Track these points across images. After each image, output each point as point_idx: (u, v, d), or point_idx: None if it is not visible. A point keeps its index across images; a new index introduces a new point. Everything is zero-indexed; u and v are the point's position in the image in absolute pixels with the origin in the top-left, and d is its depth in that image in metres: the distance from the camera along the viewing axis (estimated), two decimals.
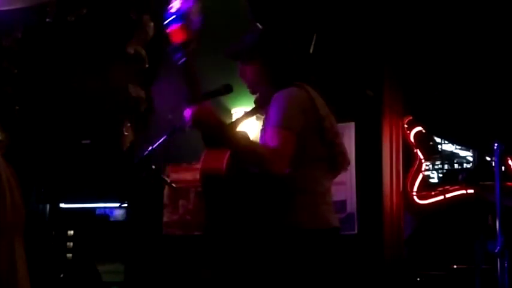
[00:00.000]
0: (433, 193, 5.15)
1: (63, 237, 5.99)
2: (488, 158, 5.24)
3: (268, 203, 2.52)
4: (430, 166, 5.56)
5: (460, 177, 5.10)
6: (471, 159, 5.68)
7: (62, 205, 6.08)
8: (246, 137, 2.53)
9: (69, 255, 5.98)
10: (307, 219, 2.52)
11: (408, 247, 5.12)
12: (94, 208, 6.13)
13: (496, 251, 3.45)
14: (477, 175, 4.95)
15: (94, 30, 5.89)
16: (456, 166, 5.70)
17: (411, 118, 5.28)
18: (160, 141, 2.83)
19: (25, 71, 6.05)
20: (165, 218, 5.52)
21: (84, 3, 5.92)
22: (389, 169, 5.03)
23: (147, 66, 5.76)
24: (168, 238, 5.49)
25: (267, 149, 2.45)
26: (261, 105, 2.75)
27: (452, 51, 5.16)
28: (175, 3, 2.45)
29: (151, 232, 5.53)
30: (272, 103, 2.57)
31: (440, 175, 5.67)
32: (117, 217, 6.01)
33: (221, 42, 2.88)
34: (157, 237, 5.51)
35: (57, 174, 5.98)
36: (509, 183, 4.16)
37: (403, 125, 5.25)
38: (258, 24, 4.85)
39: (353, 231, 4.90)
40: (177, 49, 2.44)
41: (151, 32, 5.74)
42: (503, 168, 4.33)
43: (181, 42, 2.42)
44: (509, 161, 4.93)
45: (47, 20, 5.86)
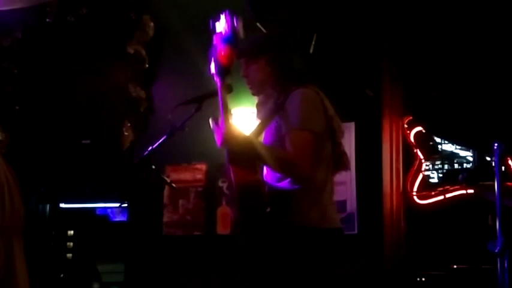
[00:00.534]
0: (433, 193, 5.15)
1: (63, 237, 5.99)
2: (488, 158, 5.24)
3: (280, 202, 2.54)
4: (430, 166, 5.55)
5: (460, 177, 5.09)
6: (471, 159, 5.67)
7: (62, 205, 6.08)
8: (271, 147, 2.58)
9: (69, 255, 5.98)
10: (317, 218, 2.54)
11: (408, 247, 5.11)
12: (94, 208, 6.13)
13: (496, 251, 3.45)
14: (477, 175, 4.94)
15: (94, 30, 5.90)
16: (456, 166, 5.69)
17: (411, 118, 5.27)
18: (160, 141, 2.83)
19: (25, 71, 6.06)
20: (165, 218, 5.51)
21: (84, 3, 5.92)
22: (389, 169, 5.03)
23: (147, 66, 5.76)
24: (168, 238, 5.48)
25: (291, 154, 2.50)
26: (262, 108, 2.74)
27: (452, 51, 5.16)
28: (221, 24, 2.47)
29: (151, 232, 5.53)
30: (290, 104, 2.58)
31: (440, 175, 5.66)
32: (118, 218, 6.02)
33: None
34: (157, 237, 5.50)
35: (57, 174, 5.98)
36: (509, 183, 4.16)
37: (403, 125, 5.25)
38: (258, 24, 4.85)
39: (353, 231, 4.90)
40: (222, 71, 2.48)
41: (151, 32, 5.74)
42: (503, 168, 4.33)
43: (227, 64, 2.48)
44: (509, 161, 4.93)
45: (47, 20, 5.87)
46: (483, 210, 4.21)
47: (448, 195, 5.10)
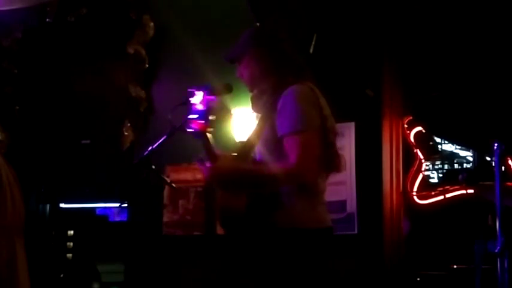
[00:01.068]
0: (433, 193, 5.14)
1: (63, 237, 6.00)
2: (488, 158, 5.24)
3: (269, 203, 2.52)
4: (430, 166, 5.56)
5: (460, 177, 5.09)
6: (471, 159, 5.68)
7: (62, 205, 6.09)
8: (262, 167, 2.54)
9: (69, 255, 5.98)
10: (306, 218, 2.52)
11: (408, 247, 5.11)
12: (94, 208, 6.13)
13: (496, 251, 3.45)
14: (477, 175, 4.94)
15: (94, 30, 5.90)
16: (456, 166, 5.70)
17: (411, 118, 5.27)
18: (160, 141, 2.82)
19: (25, 71, 6.06)
20: (165, 218, 5.51)
21: (84, 3, 5.92)
22: (389, 169, 5.03)
23: (147, 66, 5.76)
24: (168, 238, 5.49)
25: (293, 165, 2.42)
26: (257, 102, 2.72)
27: (452, 51, 5.16)
28: (197, 98, 2.63)
29: (151, 232, 5.53)
30: (283, 104, 2.52)
31: (440, 175, 5.67)
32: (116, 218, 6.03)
33: (221, 42, 2.89)
34: (157, 237, 5.51)
35: (57, 174, 5.98)
36: (509, 183, 4.16)
37: (403, 125, 5.25)
38: (258, 24, 4.85)
39: (353, 231, 4.90)
40: (197, 134, 2.63)
41: (151, 32, 5.74)
42: (503, 168, 4.32)
43: (201, 130, 2.61)
44: (509, 161, 4.93)
45: (47, 20, 5.87)
46: (483, 210, 4.21)
47: (448, 195, 5.10)
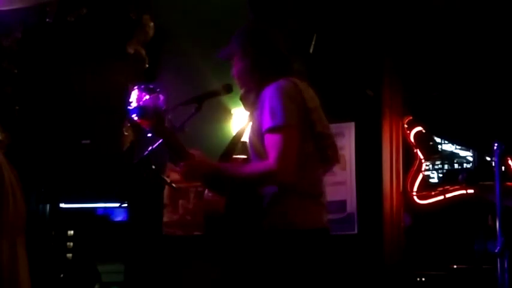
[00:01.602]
0: (433, 193, 5.15)
1: (63, 237, 5.99)
2: (488, 158, 5.24)
3: (261, 205, 2.51)
4: (430, 166, 5.56)
5: (460, 177, 5.09)
6: (471, 159, 5.68)
7: (62, 205, 6.08)
8: (242, 166, 2.57)
9: (69, 255, 5.98)
10: (299, 219, 2.49)
11: (408, 247, 5.12)
12: (94, 208, 6.13)
13: (496, 251, 3.45)
14: (477, 175, 4.94)
15: (94, 30, 5.90)
16: (456, 166, 5.70)
17: (411, 118, 5.28)
18: (160, 141, 2.82)
19: (25, 71, 6.05)
20: (165, 218, 5.51)
21: (84, 3, 5.92)
22: (389, 169, 5.03)
23: (147, 66, 5.76)
24: (168, 238, 5.49)
25: (269, 164, 2.40)
26: (246, 100, 2.72)
27: (452, 51, 5.16)
28: (132, 98, 2.68)
29: (151, 232, 5.53)
30: (263, 101, 2.51)
31: (440, 175, 5.67)
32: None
33: (221, 42, 2.88)
34: (157, 237, 5.50)
35: (57, 174, 5.98)
36: (509, 183, 4.16)
37: (403, 125, 5.25)
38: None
39: (353, 231, 4.90)
40: (150, 131, 2.69)
41: (151, 32, 5.74)
42: (503, 168, 4.33)
43: (149, 127, 2.67)
44: (509, 161, 4.93)
45: (47, 20, 5.86)
46: (483, 210, 4.22)
47: (448, 195, 5.10)
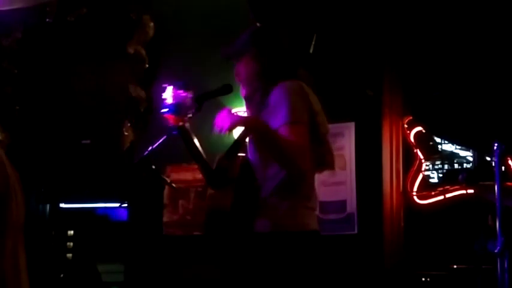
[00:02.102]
0: (433, 193, 5.14)
1: (63, 237, 5.99)
2: (488, 158, 5.24)
3: (251, 205, 2.52)
4: (430, 166, 5.55)
5: (460, 177, 5.08)
6: (471, 159, 5.67)
7: (62, 205, 6.08)
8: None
9: (69, 255, 5.98)
10: (288, 222, 2.48)
11: (408, 247, 5.11)
12: (94, 208, 6.13)
13: (496, 251, 3.45)
14: (477, 175, 4.94)
15: (94, 30, 5.90)
16: (456, 166, 5.69)
17: (411, 118, 5.27)
18: (160, 141, 2.83)
19: (25, 71, 6.06)
20: (165, 218, 5.52)
21: (84, 3, 5.92)
22: (389, 169, 5.03)
23: (147, 66, 5.76)
24: (168, 238, 5.49)
25: (292, 145, 2.42)
26: (251, 100, 2.72)
27: (452, 51, 5.16)
28: (167, 94, 2.76)
29: (151, 232, 5.53)
30: (275, 99, 2.53)
31: (440, 175, 5.66)
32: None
33: (221, 42, 2.89)
34: (157, 237, 5.51)
35: (57, 174, 5.98)
36: (509, 183, 4.16)
37: (403, 125, 5.25)
38: (258, 24, 4.85)
39: (353, 231, 4.90)
40: (173, 128, 2.75)
41: (151, 32, 5.74)
42: (503, 168, 4.33)
43: (175, 124, 2.73)
44: (509, 161, 4.93)
45: (47, 20, 5.86)
46: (483, 210, 4.21)
47: (448, 195, 5.10)
